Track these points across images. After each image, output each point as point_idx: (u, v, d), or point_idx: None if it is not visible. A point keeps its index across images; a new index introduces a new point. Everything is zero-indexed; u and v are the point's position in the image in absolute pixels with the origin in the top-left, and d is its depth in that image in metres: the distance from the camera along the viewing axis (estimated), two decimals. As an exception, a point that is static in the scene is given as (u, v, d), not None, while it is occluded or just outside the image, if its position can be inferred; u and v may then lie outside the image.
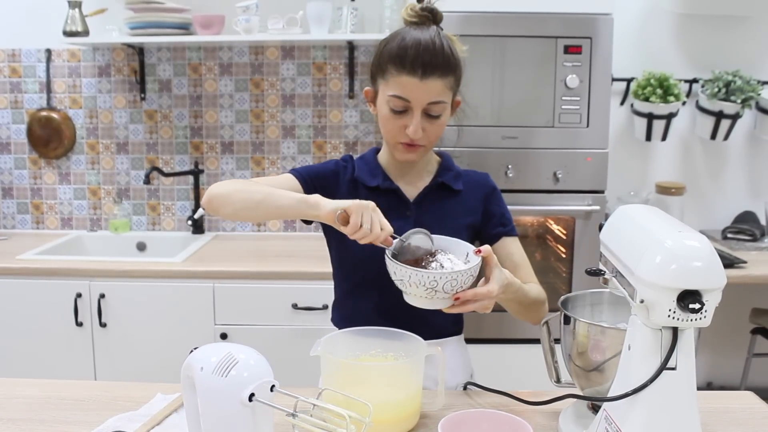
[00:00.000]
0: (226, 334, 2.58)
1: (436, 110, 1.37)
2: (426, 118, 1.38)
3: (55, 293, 2.60)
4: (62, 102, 3.16)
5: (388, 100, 1.38)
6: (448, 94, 1.39)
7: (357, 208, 1.21)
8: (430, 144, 1.43)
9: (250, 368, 0.98)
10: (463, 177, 1.55)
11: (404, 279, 1.21)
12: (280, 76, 3.11)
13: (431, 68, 1.33)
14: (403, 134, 1.39)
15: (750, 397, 1.40)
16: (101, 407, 1.33)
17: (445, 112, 1.40)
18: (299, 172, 1.49)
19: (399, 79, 1.35)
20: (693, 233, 0.98)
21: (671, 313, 0.96)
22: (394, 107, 1.37)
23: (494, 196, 1.55)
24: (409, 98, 1.35)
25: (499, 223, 1.52)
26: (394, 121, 1.39)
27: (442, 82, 1.35)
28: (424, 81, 1.33)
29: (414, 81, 1.34)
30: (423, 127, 1.37)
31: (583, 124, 2.57)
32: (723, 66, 3.02)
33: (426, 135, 1.39)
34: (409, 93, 1.35)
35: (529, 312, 1.46)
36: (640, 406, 1.00)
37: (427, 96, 1.35)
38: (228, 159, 3.17)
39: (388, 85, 1.37)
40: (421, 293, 1.21)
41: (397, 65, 1.35)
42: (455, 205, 1.51)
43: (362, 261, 1.46)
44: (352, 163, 1.54)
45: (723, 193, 3.22)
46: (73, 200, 3.23)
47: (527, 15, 2.52)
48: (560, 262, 2.71)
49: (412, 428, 1.23)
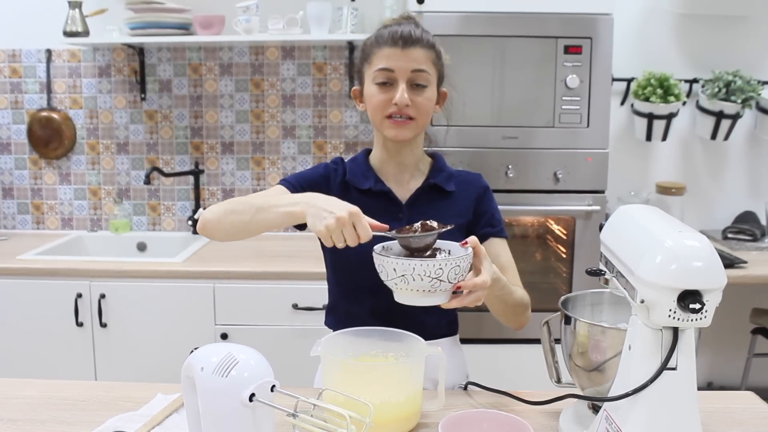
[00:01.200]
0: (226, 334, 2.58)
1: (420, 79, 1.39)
2: (412, 89, 1.39)
3: (55, 293, 2.60)
4: (62, 102, 3.16)
5: (374, 76, 1.41)
6: (432, 67, 1.41)
7: (335, 229, 1.20)
8: (420, 119, 1.42)
9: (251, 368, 0.98)
10: (456, 177, 1.54)
11: (407, 273, 1.17)
12: (281, 76, 3.11)
13: (411, 40, 1.38)
14: (390, 106, 1.40)
15: (750, 398, 1.40)
16: (101, 407, 1.33)
17: (431, 85, 1.42)
18: (289, 182, 1.49)
19: (381, 53, 1.39)
20: (693, 233, 0.98)
21: (672, 313, 0.96)
22: (380, 79, 1.40)
23: (485, 196, 1.54)
24: (393, 67, 1.38)
25: (488, 223, 1.51)
26: (381, 96, 1.40)
27: (424, 52, 1.40)
28: (405, 50, 1.38)
29: (396, 51, 1.38)
30: (410, 98, 1.39)
31: (583, 124, 2.57)
32: (723, 66, 3.02)
33: (414, 106, 1.40)
34: (393, 62, 1.38)
35: (512, 314, 1.45)
36: (641, 406, 1.00)
37: (410, 63, 1.38)
38: (228, 159, 3.17)
39: (372, 64, 1.41)
40: (424, 286, 1.18)
41: (379, 43, 1.40)
42: (447, 206, 1.50)
43: (356, 266, 1.45)
44: (343, 166, 1.54)
45: (723, 193, 3.21)
46: (73, 200, 3.23)
47: (527, 15, 2.52)
48: (560, 262, 2.71)
49: (413, 428, 1.23)
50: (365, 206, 1.48)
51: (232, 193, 3.19)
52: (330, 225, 1.20)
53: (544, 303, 2.66)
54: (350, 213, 1.20)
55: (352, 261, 1.46)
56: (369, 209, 1.40)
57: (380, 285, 1.26)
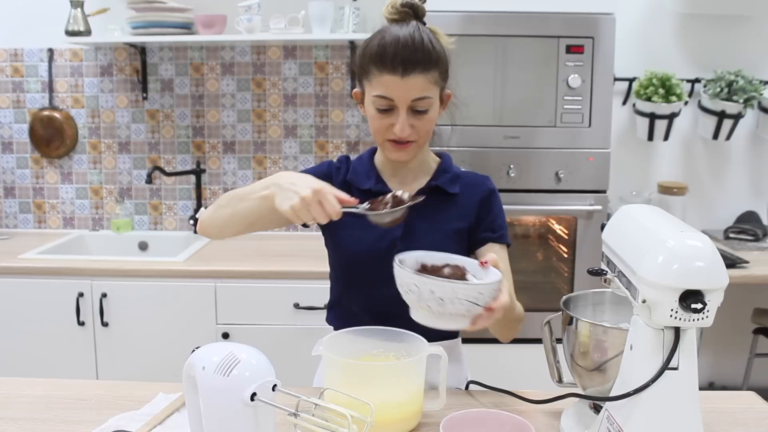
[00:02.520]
0: (227, 333, 2.59)
1: (421, 106, 1.35)
2: (412, 114, 1.35)
3: (57, 293, 2.60)
4: (64, 101, 3.16)
5: (373, 100, 1.36)
6: (433, 89, 1.36)
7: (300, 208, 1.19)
8: (421, 140, 1.40)
9: (252, 368, 0.98)
10: (462, 179, 1.50)
11: (446, 296, 1.10)
12: (282, 75, 3.11)
13: (412, 64, 1.31)
14: (390, 132, 1.37)
15: (752, 398, 1.40)
16: (103, 406, 1.33)
17: (433, 107, 1.37)
18: None
19: (381, 79, 1.33)
20: (695, 233, 0.98)
21: (673, 313, 0.96)
22: (379, 107, 1.36)
23: (490, 200, 1.49)
24: (393, 97, 1.33)
25: (489, 227, 1.47)
26: (381, 121, 1.37)
27: (425, 78, 1.33)
28: (405, 78, 1.31)
29: (395, 79, 1.31)
30: (410, 123, 1.35)
31: (585, 123, 2.56)
32: (725, 66, 3.01)
33: (415, 131, 1.37)
34: (392, 92, 1.33)
35: (506, 329, 1.43)
36: (642, 406, 1.00)
37: (410, 93, 1.33)
38: (230, 158, 3.17)
39: (372, 85, 1.36)
40: (461, 310, 1.12)
41: (377, 65, 1.33)
42: (449, 208, 1.47)
43: (354, 262, 1.46)
44: (347, 164, 1.52)
45: (725, 192, 3.21)
46: (75, 200, 3.24)
47: (529, 15, 2.52)
48: (562, 262, 2.71)
49: (414, 428, 1.23)
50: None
51: (233, 192, 3.19)
52: (295, 204, 1.19)
53: (545, 303, 2.68)
54: (314, 190, 1.19)
55: (349, 256, 1.46)
56: None
57: (377, 283, 1.26)
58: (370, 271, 1.40)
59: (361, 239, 1.44)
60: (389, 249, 1.37)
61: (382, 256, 1.34)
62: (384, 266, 1.33)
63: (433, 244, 1.35)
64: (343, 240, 1.47)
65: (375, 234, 1.41)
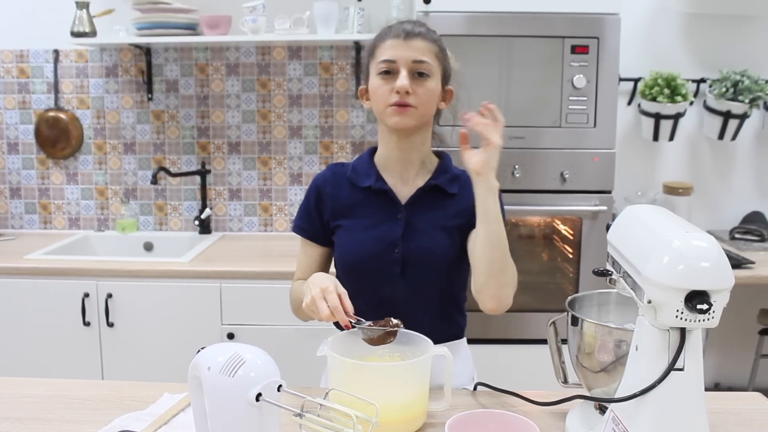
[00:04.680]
0: (233, 334, 2.59)
1: (422, 68, 1.40)
2: (413, 78, 1.40)
3: (62, 293, 2.61)
4: (70, 102, 3.17)
5: (377, 68, 1.42)
6: (434, 59, 1.42)
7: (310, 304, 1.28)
8: (421, 108, 1.41)
9: (257, 368, 0.99)
10: (461, 178, 1.51)
11: None
12: (287, 76, 3.11)
13: (414, 32, 1.41)
14: (392, 95, 1.40)
15: (758, 398, 1.40)
16: (108, 407, 1.33)
17: (434, 76, 1.42)
18: (299, 226, 1.56)
19: (384, 45, 1.42)
20: (701, 233, 0.98)
21: (679, 314, 0.95)
22: (382, 69, 1.41)
23: None
24: (395, 58, 1.40)
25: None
26: (383, 86, 1.41)
27: (426, 44, 1.41)
28: (407, 41, 1.40)
29: (398, 42, 1.40)
30: (411, 87, 1.39)
31: (590, 124, 2.56)
32: (731, 66, 3.00)
33: (415, 95, 1.40)
34: (394, 53, 1.40)
35: (499, 273, 1.36)
36: (648, 407, 1.00)
37: (412, 54, 1.39)
38: (235, 159, 3.18)
39: (376, 58, 1.43)
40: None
41: (382, 37, 1.43)
42: (448, 207, 1.48)
43: (355, 262, 1.47)
44: (343, 167, 1.55)
45: (731, 193, 3.20)
46: (80, 200, 3.24)
47: (534, 15, 2.52)
48: (567, 263, 2.71)
49: (419, 428, 1.23)
50: (365, 203, 1.48)
51: (238, 193, 3.20)
52: (307, 302, 1.29)
53: (550, 303, 2.68)
54: (321, 289, 1.27)
55: (349, 260, 1.48)
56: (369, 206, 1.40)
57: (378, 288, 1.26)
58: (372, 271, 1.40)
59: (362, 240, 1.46)
60: (390, 248, 1.42)
61: (383, 256, 1.34)
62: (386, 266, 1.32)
63: (431, 243, 1.35)
64: (345, 242, 1.48)
65: (375, 234, 1.44)
